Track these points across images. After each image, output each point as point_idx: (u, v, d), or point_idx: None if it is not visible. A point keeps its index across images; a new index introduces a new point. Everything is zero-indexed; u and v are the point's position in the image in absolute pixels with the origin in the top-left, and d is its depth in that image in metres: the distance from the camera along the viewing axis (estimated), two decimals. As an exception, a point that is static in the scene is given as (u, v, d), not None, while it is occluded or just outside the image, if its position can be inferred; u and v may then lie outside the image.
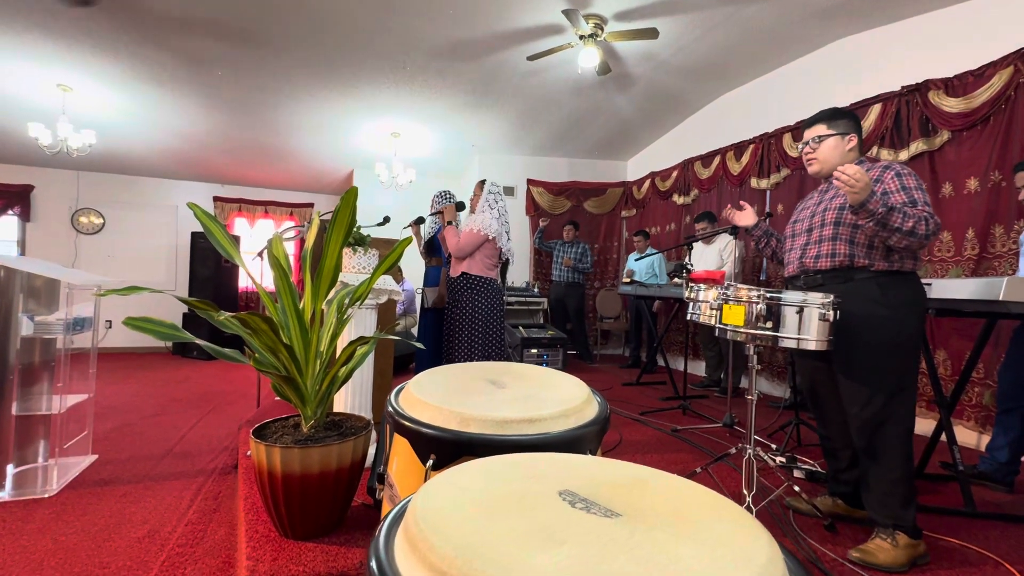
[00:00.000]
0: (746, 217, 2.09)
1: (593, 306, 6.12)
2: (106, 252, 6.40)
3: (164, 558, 1.68)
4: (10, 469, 2.13)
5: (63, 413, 2.30)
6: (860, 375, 1.62)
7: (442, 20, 3.52)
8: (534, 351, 4.60)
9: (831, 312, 1.52)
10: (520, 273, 6.23)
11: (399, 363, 4.41)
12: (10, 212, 6.08)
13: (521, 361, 4.47)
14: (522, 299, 5.59)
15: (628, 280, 4.67)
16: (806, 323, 1.54)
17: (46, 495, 2.10)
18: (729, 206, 2.14)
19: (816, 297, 1.54)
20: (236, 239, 6.26)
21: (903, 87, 3.22)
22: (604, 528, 0.42)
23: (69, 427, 2.46)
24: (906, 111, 3.22)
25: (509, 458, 0.54)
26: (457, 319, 2.85)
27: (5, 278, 2.14)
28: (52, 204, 6.23)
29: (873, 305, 1.61)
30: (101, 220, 6.42)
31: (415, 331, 5.11)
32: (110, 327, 2.37)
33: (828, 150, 1.77)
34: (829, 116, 1.80)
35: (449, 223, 2.94)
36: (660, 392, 4.06)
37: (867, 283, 1.64)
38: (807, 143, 1.82)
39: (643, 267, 5.04)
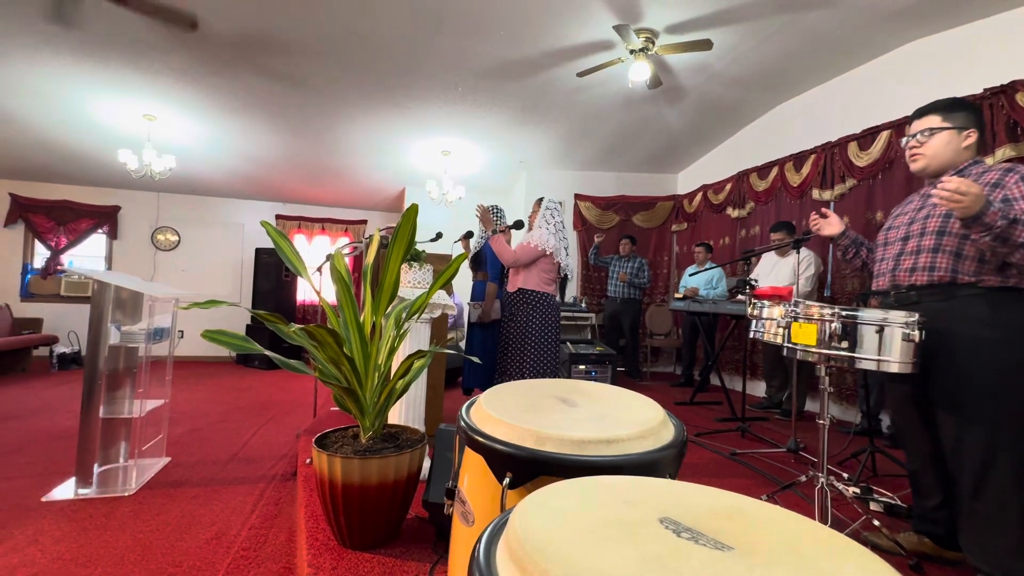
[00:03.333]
0: (832, 225, 1.87)
1: (643, 322, 5.98)
2: (180, 267, 6.89)
3: (230, 560, 1.75)
4: (96, 468, 2.29)
5: (142, 417, 2.47)
6: (965, 407, 1.44)
7: (493, 40, 3.61)
8: (582, 367, 4.53)
9: (916, 332, 1.40)
10: (568, 288, 6.18)
11: (448, 377, 4.46)
12: (100, 231, 6.69)
13: (568, 377, 4.41)
14: (570, 314, 5.53)
15: (681, 296, 4.52)
16: (887, 343, 1.43)
17: (126, 493, 2.25)
18: (813, 214, 1.93)
19: (898, 315, 1.43)
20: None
21: (985, 89, 2.99)
22: (719, 562, 0.40)
23: (147, 430, 2.64)
24: (990, 115, 2.98)
25: (596, 480, 0.52)
26: (512, 334, 2.88)
27: (98, 291, 2.34)
28: (135, 223, 6.80)
29: (981, 327, 1.42)
30: (176, 237, 6.93)
31: (462, 345, 5.16)
32: (182, 337, 2.55)
33: (939, 145, 1.56)
34: (946, 107, 1.57)
35: (493, 232, 2.97)
36: (715, 412, 3.89)
37: (974, 301, 1.44)
38: (914, 136, 1.61)
39: (700, 282, 4.84)
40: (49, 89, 4.23)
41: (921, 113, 1.62)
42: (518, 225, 3.11)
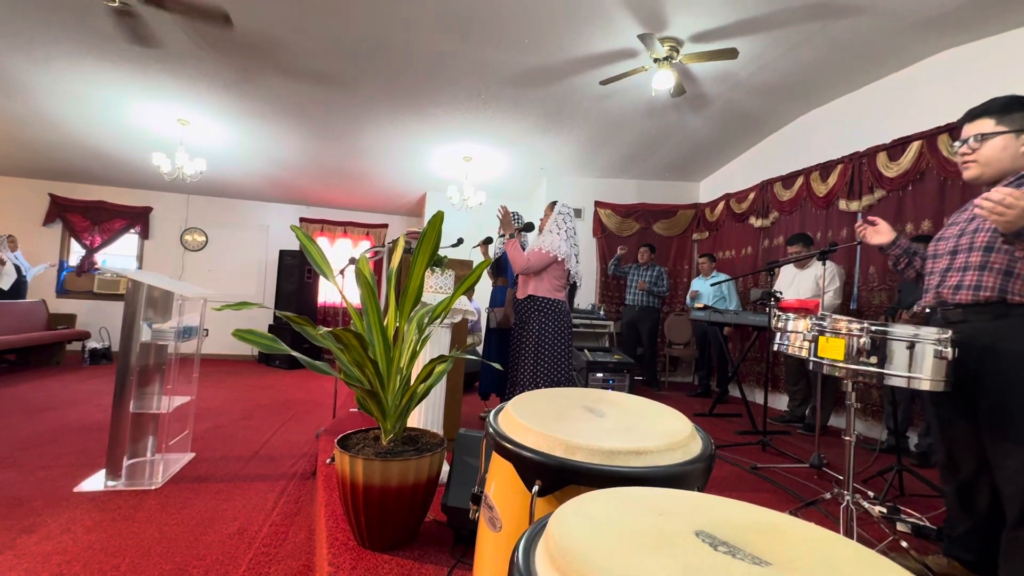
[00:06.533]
0: (881, 233, 1.74)
1: (661, 331, 5.92)
2: (207, 267, 7.08)
3: (251, 556, 1.78)
4: (125, 461, 2.36)
5: (170, 413, 2.54)
6: (1013, 430, 1.36)
7: (518, 49, 3.64)
8: (599, 375, 4.50)
9: (949, 349, 1.36)
10: (586, 296, 6.16)
11: (465, 382, 4.47)
12: (132, 231, 6.92)
13: (586, 385, 4.38)
14: (588, 322, 5.51)
15: (700, 306, 4.47)
16: (918, 360, 1.39)
17: (152, 487, 2.31)
18: (860, 222, 1.80)
19: (930, 332, 1.39)
20: (318, 257, 6.70)
21: None
22: (759, 577, 0.39)
23: (173, 426, 2.71)
24: None
25: (630, 491, 0.53)
26: (523, 341, 2.80)
27: (132, 289, 2.42)
28: (166, 224, 7.01)
29: None
30: (204, 238, 7.12)
31: (479, 350, 5.18)
32: (207, 335, 2.63)
33: (995, 151, 1.42)
34: (1000, 108, 1.43)
35: (511, 236, 2.92)
36: (735, 425, 3.83)
37: None
38: (965, 142, 1.47)
39: (710, 291, 4.85)
40: (90, 94, 4.41)
41: (972, 116, 1.48)
42: (528, 227, 3.07)
